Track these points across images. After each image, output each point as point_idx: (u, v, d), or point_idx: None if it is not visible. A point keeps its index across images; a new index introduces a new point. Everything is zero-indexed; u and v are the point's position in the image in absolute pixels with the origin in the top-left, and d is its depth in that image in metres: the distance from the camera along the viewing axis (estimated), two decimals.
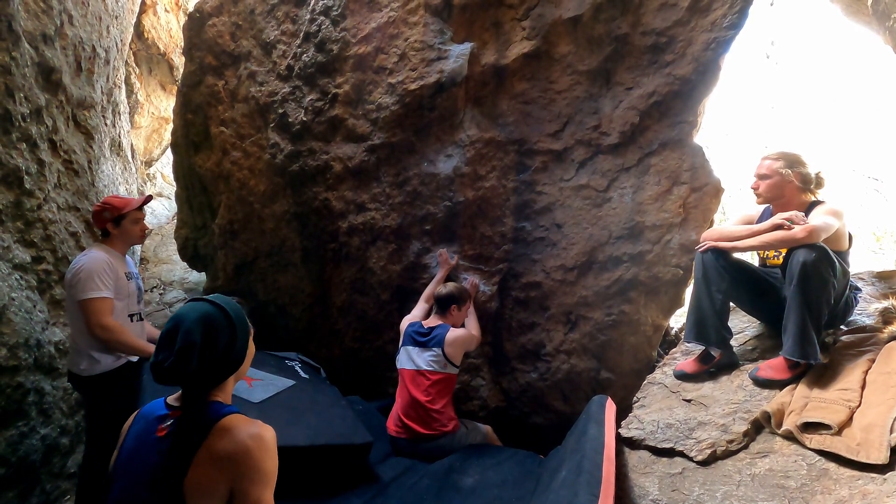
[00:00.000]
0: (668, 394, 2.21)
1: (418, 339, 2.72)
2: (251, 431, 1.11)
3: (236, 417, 1.15)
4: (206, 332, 1.13)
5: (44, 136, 3.01)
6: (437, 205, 3.17)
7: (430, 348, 2.65)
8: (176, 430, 1.12)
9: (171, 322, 1.14)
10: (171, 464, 1.07)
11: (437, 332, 2.69)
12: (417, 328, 2.79)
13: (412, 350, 2.71)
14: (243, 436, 1.10)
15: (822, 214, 1.99)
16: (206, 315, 1.15)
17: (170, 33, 6.08)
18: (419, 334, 2.74)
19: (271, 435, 1.15)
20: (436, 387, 2.61)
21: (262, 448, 1.10)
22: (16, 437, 2.52)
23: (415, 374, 2.66)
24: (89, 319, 2.19)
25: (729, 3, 2.53)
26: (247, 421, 1.15)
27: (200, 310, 1.15)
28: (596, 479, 1.58)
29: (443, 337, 2.66)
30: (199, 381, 1.15)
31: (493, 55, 3.04)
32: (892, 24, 2.10)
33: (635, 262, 2.75)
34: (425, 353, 2.66)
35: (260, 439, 1.11)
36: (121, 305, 2.33)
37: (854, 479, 1.53)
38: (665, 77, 2.69)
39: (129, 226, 2.45)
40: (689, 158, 2.66)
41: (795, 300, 1.91)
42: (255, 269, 4.02)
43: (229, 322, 1.17)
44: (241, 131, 3.89)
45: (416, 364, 2.66)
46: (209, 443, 1.08)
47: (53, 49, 3.05)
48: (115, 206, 2.41)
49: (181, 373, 1.11)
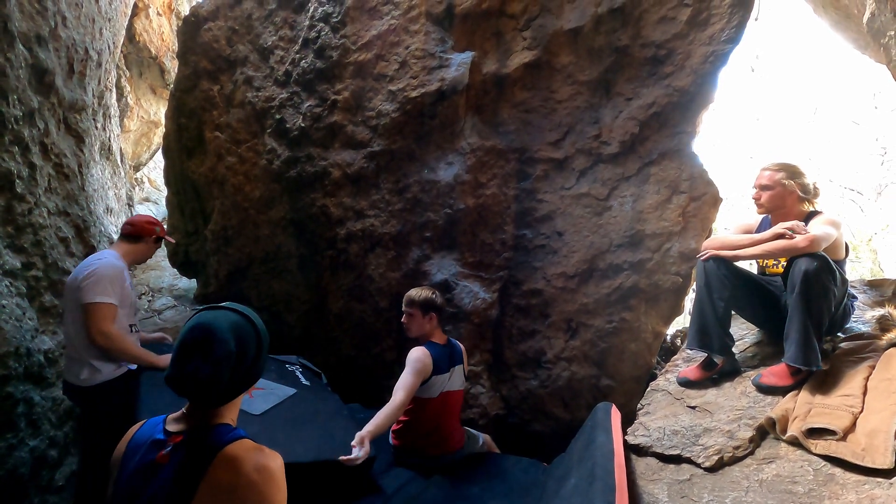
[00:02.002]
0: (673, 401, 2.23)
1: (455, 359, 2.57)
2: (257, 463, 1.03)
3: (241, 445, 1.06)
4: (239, 342, 1.07)
5: (35, 140, 2.94)
6: (437, 212, 3.18)
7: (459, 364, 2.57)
8: (177, 458, 1.04)
9: (198, 331, 1.06)
10: (173, 496, 1.00)
11: (457, 348, 2.63)
12: (443, 350, 2.53)
13: (457, 370, 2.56)
14: (249, 468, 1.02)
15: (821, 224, 2.04)
16: (236, 324, 1.09)
17: (161, 37, 6.01)
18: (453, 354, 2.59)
19: (278, 465, 1.07)
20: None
21: (268, 481, 1.03)
22: (4, 450, 2.43)
23: (461, 394, 2.60)
24: (92, 324, 2.14)
25: (727, 18, 2.59)
26: (253, 449, 1.06)
27: (229, 318, 1.09)
28: (609, 486, 1.58)
29: (461, 354, 2.62)
30: (224, 394, 1.08)
31: (495, 64, 3.06)
32: (888, 41, 2.18)
33: (636, 270, 2.78)
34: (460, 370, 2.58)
35: (267, 472, 1.03)
36: (123, 314, 2.29)
37: (860, 483, 1.56)
38: (664, 88, 2.74)
39: (153, 248, 2.60)
40: (688, 168, 2.71)
41: (797, 308, 1.94)
42: (249, 276, 3.96)
43: (256, 332, 1.12)
44: (236, 136, 3.86)
45: (461, 384, 2.58)
46: (212, 475, 1.00)
47: (47, 51, 2.98)
48: (163, 229, 2.61)
49: (215, 384, 1.04)
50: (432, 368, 2.35)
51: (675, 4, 2.71)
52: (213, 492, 0.99)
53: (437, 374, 2.38)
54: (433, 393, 2.40)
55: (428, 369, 2.34)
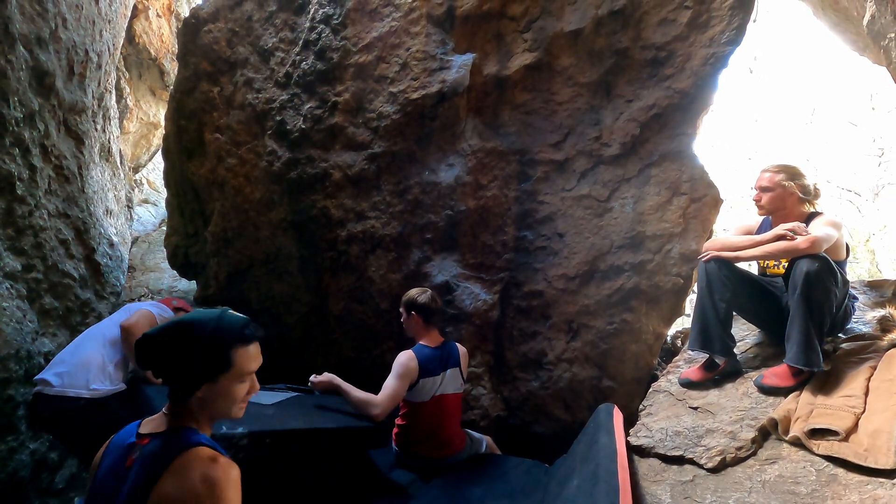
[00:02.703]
0: (675, 401, 2.23)
1: (450, 362, 2.53)
2: (205, 473, 0.99)
3: (194, 453, 1.02)
4: (190, 321, 1.10)
5: (36, 141, 2.94)
6: (438, 213, 3.18)
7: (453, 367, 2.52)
8: (138, 463, 1.02)
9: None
10: (131, 502, 0.99)
11: (454, 350, 2.58)
12: (433, 352, 2.49)
13: (451, 373, 2.51)
14: (195, 478, 0.98)
15: (822, 225, 2.05)
16: (199, 312, 1.14)
17: (161, 38, 6.01)
18: (447, 357, 2.54)
19: (231, 476, 1.02)
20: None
21: (213, 494, 0.98)
22: (5, 453, 2.43)
23: (458, 398, 2.55)
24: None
25: (727, 20, 2.60)
26: (205, 459, 1.02)
27: (200, 311, 1.15)
28: (613, 487, 1.58)
29: (458, 356, 2.57)
30: (175, 366, 1.09)
31: (495, 66, 3.07)
32: (888, 43, 2.19)
33: (636, 272, 2.78)
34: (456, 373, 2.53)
35: (213, 483, 0.98)
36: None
37: (863, 484, 1.56)
38: (665, 90, 2.75)
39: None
40: (689, 169, 2.72)
41: (799, 309, 1.95)
42: (249, 278, 3.96)
43: (218, 320, 1.12)
44: (236, 138, 3.85)
45: (457, 387, 2.53)
46: (161, 483, 0.98)
47: (47, 53, 2.98)
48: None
49: (153, 352, 1.08)
50: (418, 372, 2.33)
51: (675, 6, 2.72)
52: (160, 500, 0.97)
53: (426, 376, 2.35)
54: (425, 397, 2.37)
55: (412, 373, 2.32)
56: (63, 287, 3.16)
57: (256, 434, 1.74)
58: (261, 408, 2.09)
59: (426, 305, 2.46)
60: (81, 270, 3.46)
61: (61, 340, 2.99)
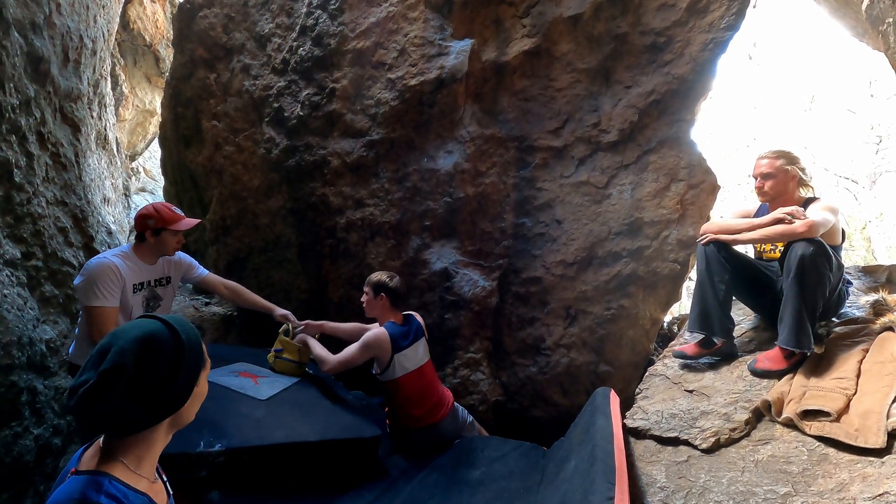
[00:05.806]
0: (671, 385, 2.27)
1: (418, 333, 2.68)
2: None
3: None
4: (141, 357, 0.90)
5: (32, 129, 2.92)
6: (437, 200, 3.18)
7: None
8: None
9: (106, 338, 0.92)
10: None
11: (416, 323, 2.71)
12: (402, 329, 2.63)
13: (420, 343, 2.66)
14: None
15: (820, 210, 2.07)
16: (148, 337, 0.92)
17: (156, 24, 5.94)
18: (414, 330, 2.69)
19: None
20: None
21: None
22: (9, 438, 2.45)
23: (431, 363, 2.71)
24: (90, 328, 2.13)
25: (726, 6, 2.59)
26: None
27: (145, 329, 0.93)
28: (610, 467, 1.62)
29: (421, 327, 2.72)
30: (115, 417, 0.89)
31: (494, 52, 3.06)
32: (886, 28, 2.19)
33: (634, 258, 2.80)
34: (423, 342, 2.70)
35: None
36: (121, 318, 2.20)
37: (853, 462, 1.60)
38: (664, 76, 2.75)
39: (168, 237, 2.28)
40: (687, 156, 2.73)
41: (792, 292, 1.97)
42: (249, 266, 3.97)
43: (177, 349, 0.94)
44: (234, 125, 3.84)
45: (427, 354, 2.69)
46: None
47: (42, 38, 2.95)
48: (162, 217, 2.24)
49: (98, 401, 0.86)
50: (391, 346, 2.49)
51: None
52: None
53: (398, 351, 2.52)
54: (410, 367, 2.55)
55: (382, 347, 2.48)
56: (63, 275, 3.17)
57: (234, 451, 1.74)
58: (251, 407, 2.06)
59: (396, 289, 2.62)
60: (81, 258, 3.46)
61: (62, 328, 3.01)
